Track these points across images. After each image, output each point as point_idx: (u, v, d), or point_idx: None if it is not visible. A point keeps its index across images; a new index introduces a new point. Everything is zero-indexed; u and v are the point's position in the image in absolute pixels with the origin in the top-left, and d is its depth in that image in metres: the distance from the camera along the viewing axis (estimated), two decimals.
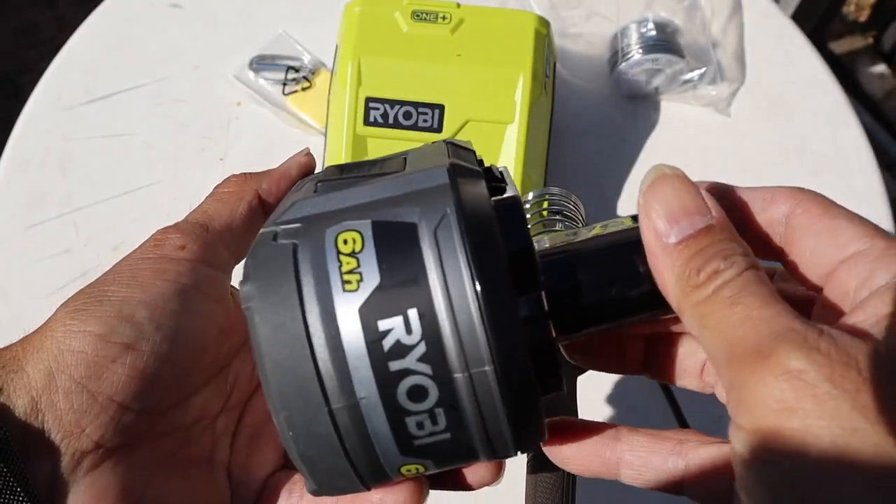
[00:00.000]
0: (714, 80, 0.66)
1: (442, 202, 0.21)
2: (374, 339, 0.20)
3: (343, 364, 0.20)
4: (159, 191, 0.63)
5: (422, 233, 0.21)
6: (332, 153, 0.55)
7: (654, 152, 0.65)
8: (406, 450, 0.21)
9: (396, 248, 0.21)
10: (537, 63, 0.54)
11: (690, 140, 0.65)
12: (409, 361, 0.20)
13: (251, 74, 0.67)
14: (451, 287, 0.20)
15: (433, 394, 0.21)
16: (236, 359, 0.30)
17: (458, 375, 0.20)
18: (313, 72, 0.67)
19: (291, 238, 0.22)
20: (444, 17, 0.55)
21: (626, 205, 0.62)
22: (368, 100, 0.54)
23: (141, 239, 0.28)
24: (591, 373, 0.37)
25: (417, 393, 0.20)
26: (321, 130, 0.64)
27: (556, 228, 0.40)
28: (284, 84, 0.66)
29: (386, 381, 0.20)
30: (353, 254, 0.21)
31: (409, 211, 0.21)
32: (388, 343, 0.20)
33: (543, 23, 0.56)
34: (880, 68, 1.43)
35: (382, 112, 0.54)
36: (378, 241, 0.21)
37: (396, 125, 0.54)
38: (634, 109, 0.66)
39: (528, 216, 0.40)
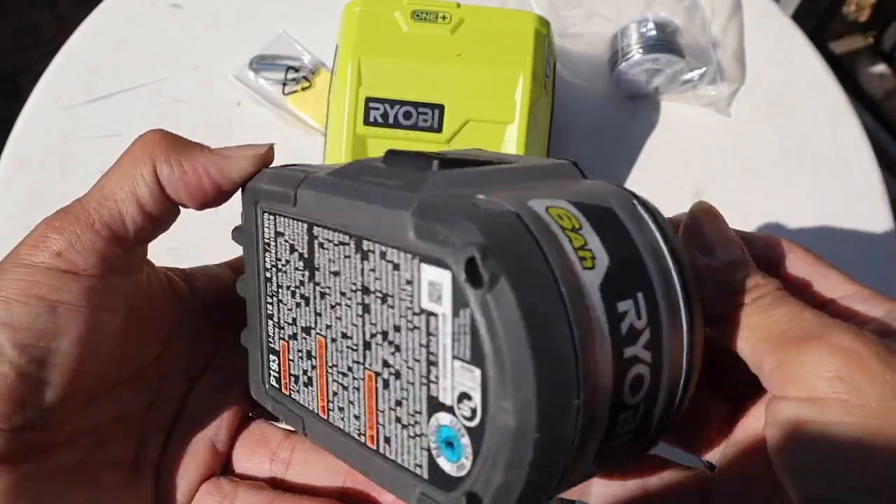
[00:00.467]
0: (714, 80, 0.66)
1: (617, 193, 0.21)
2: (614, 320, 0.18)
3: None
4: None
5: (623, 218, 0.20)
6: (332, 153, 0.55)
7: (654, 152, 0.65)
8: (599, 458, 0.19)
9: (608, 229, 0.19)
10: (537, 63, 0.54)
11: (690, 140, 0.65)
12: (638, 348, 0.19)
13: (251, 74, 0.67)
14: (664, 274, 0.20)
15: (645, 386, 0.19)
16: (167, 349, 0.29)
17: (666, 368, 0.19)
18: (313, 72, 0.67)
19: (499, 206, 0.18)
20: (444, 17, 0.55)
21: None
22: (368, 100, 0.54)
23: None
24: None
25: (637, 384, 0.19)
26: (321, 130, 0.64)
27: None
28: (284, 84, 0.66)
29: (619, 370, 0.18)
30: (575, 230, 0.19)
31: (597, 195, 0.20)
32: (625, 326, 0.19)
33: (543, 23, 0.56)
34: (880, 68, 1.43)
35: (382, 112, 0.54)
36: (591, 219, 0.19)
37: (396, 125, 0.54)
38: (634, 109, 0.66)
39: None
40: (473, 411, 0.18)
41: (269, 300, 0.26)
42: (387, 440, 0.21)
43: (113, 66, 0.69)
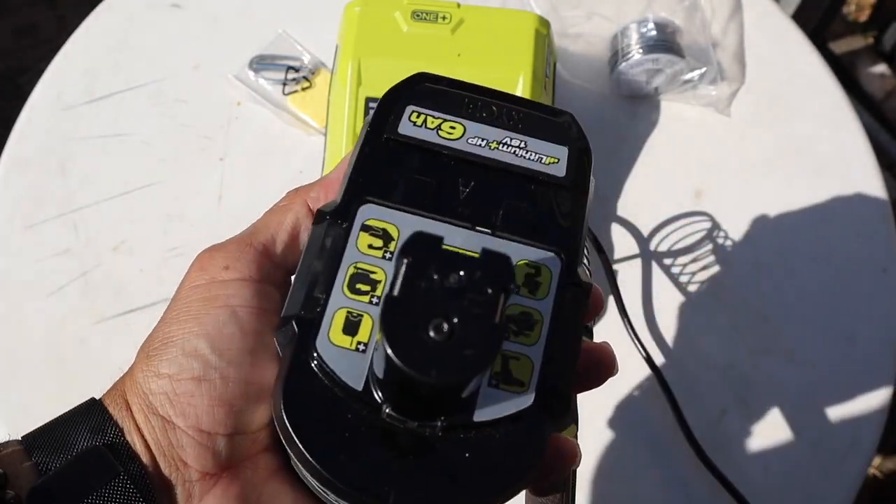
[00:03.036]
0: (714, 80, 0.66)
1: None
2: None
3: None
4: (159, 191, 0.63)
5: None
6: (332, 153, 0.55)
7: (654, 152, 0.65)
8: None
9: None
10: (537, 63, 0.54)
11: (690, 140, 0.65)
12: None
13: (251, 74, 0.67)
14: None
15: None
16: None
17: None
18: (313, 72, 0.67)
19: None
20: (444, 17, 0.55)
21: (627, 205, 0.62)
22: (368, 100, 0.54)
23: (140, 238, 0.28)
24: None
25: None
26: (321, 130, 0.64)
27: None
28: (284, 84, 0.66)
29: None
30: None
31: None
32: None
33: (543, 23, 0.56)
34: (880, 68, 1.43)
35: None
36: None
37: None
38: (634, 109, 0.66)
39: None
40: None
41: None
42: None
43: (113, 66, 0.68)
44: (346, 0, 0.57)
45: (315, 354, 0.24)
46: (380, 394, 0.23)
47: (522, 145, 0.29)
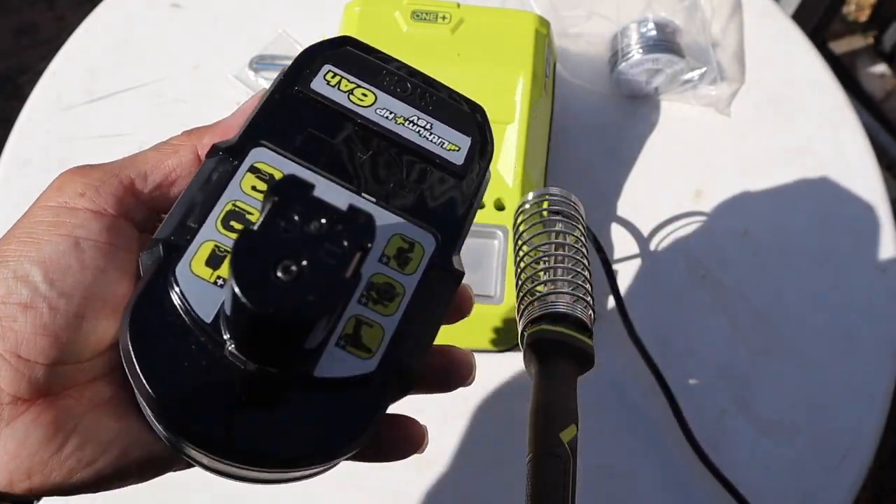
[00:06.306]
0: (714, 80, 0.66)
1: None
2: None
3: None
4: None
5: None
6: None
7: (654, 152, 0.65)
8: None
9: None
10: (537, 63, 0.54)
11: (690, 140, 0.65)
12: None
13: (251, 74, 0.67)
14: None
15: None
16: None
17: None
18: None
19: None
20: (444, 17, 0.55)
21: (627, 205, 0.62)
22: None
23: None
24: (590, 373, 0.37)
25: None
26: None
27: (556, 228, 0.40)
28: None
29: None
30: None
31: None
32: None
33: (543, 23, 0.56)
34: (880, 68, 1.43)
35: None
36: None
37: None
38: (634, 109, 0.66)
39: (527, 216, 0.40)
40: None
41: None
42: None
43: (113, 66, 0.68)
44: (346, 0, 0.57)
45: (173, 279, 0.24)
46: (227, 331, 0.24)
47: (428, 127, 0.29)
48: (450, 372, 0.28)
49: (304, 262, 0.21)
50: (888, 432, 0.57)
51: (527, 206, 0.41)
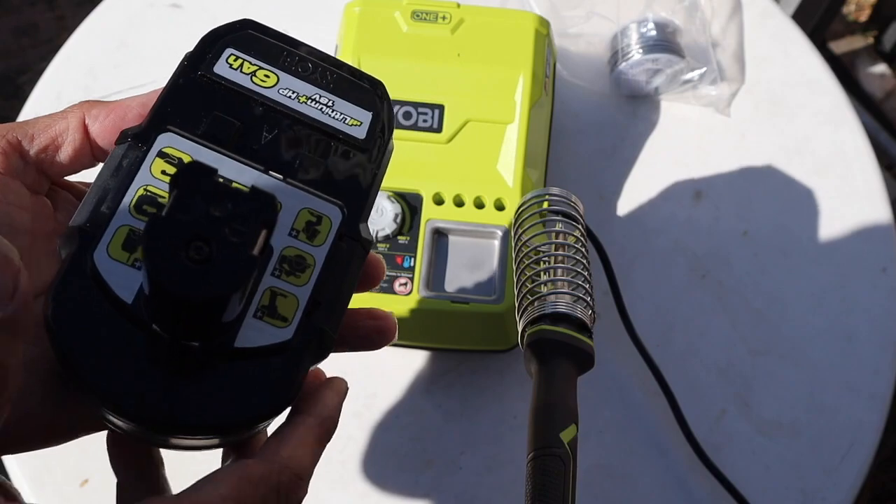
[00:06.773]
0: (714, 80, 0.66)
1: None
2: None
3: None
4: None
5: None
6: None
7: (654, 152, 0.65)
8: None
9: None
10: (537, 63, 0.54)
11: (690, 140, 0.65)
12: None
13: None
14: None
15: None
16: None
17: None
18: None
19: None
20: (444, 17, 0.55)
21: (627, 205, 0.62)
22: None
23: None
24: (590, 373, 0.37)
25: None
26: None
27: (557, 228, 0.40)
28: None
29: None
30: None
31: None
32: None
33: (543, 23, 0.56)
34: (880, 68, 1.43)
35: None
36: None
37: (396, 125, 0.54)
38: (634, 109, 0.66)
39: (527, 216, 0.41)
40: None
41: None
42: None
43: (113, 66, 0.68)
44: (346, 0, 0.57)
45: (91, 265, 0.25)
46: (146, 309, 0.25)
47: (330, 104, 0.31)
48: (380, 329, 0.30)
49: (212, 244, 0.22)
50: (888, 432, 0.57)
51: (527, 206, 0.41)
